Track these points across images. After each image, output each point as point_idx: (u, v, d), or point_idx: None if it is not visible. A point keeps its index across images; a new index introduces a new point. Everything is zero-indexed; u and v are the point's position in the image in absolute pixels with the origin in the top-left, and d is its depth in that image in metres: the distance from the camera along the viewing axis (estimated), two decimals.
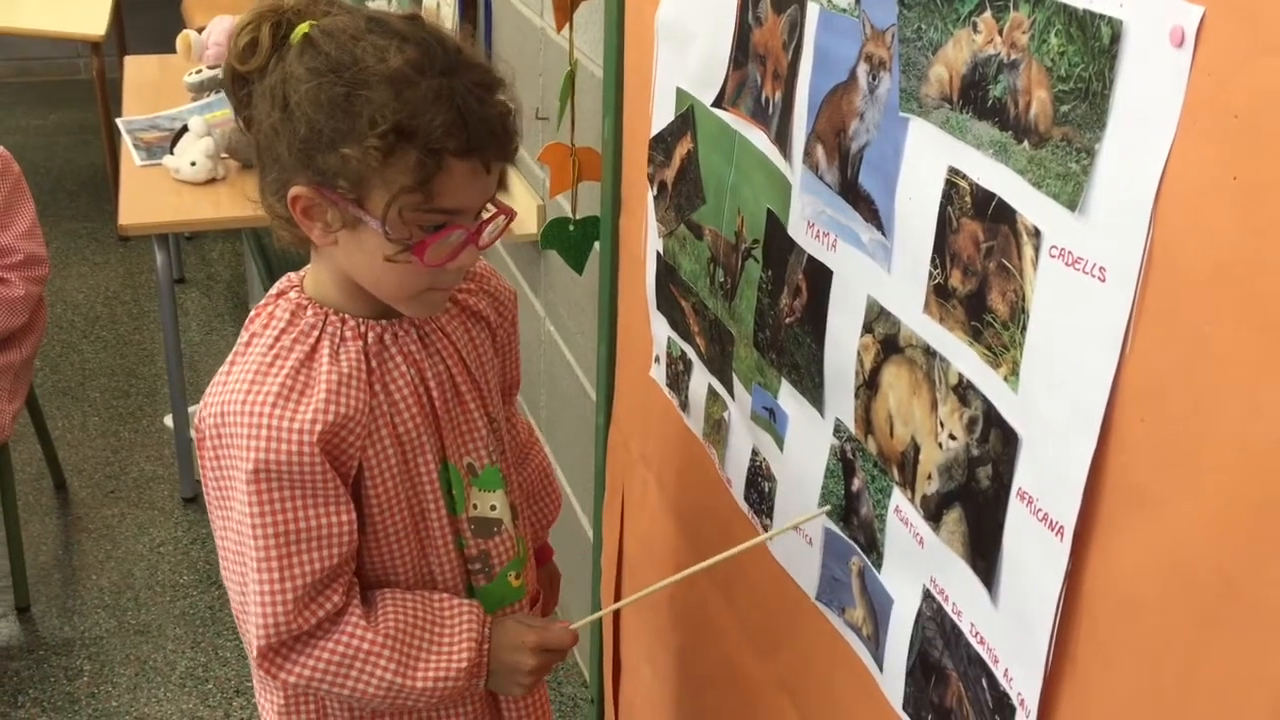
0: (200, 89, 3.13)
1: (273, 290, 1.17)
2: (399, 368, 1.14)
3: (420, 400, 1.15)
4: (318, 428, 1.06)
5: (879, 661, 1.07)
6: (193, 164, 2.80)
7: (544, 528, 1.48)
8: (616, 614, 1.79)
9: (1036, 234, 0.78)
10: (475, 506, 1.21)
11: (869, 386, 1.02)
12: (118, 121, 3.16)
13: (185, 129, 2.88)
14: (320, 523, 1.09)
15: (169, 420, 2.99)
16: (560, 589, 1.54)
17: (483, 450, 1.21)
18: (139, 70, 3.62)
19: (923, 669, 1.00)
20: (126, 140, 3.03)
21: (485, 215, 1.11)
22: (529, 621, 1.23)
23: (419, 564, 1.19)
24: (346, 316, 1.12)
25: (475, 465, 1.21)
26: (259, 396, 1.07)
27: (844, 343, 1.05)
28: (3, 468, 2.48)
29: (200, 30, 3.42)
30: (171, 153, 2.85)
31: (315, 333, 1.11)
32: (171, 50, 3.47)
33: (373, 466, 1.12)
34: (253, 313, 1.16)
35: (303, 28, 1.04)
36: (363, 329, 1.12)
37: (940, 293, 0.89)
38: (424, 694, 1.15)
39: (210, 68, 3.19)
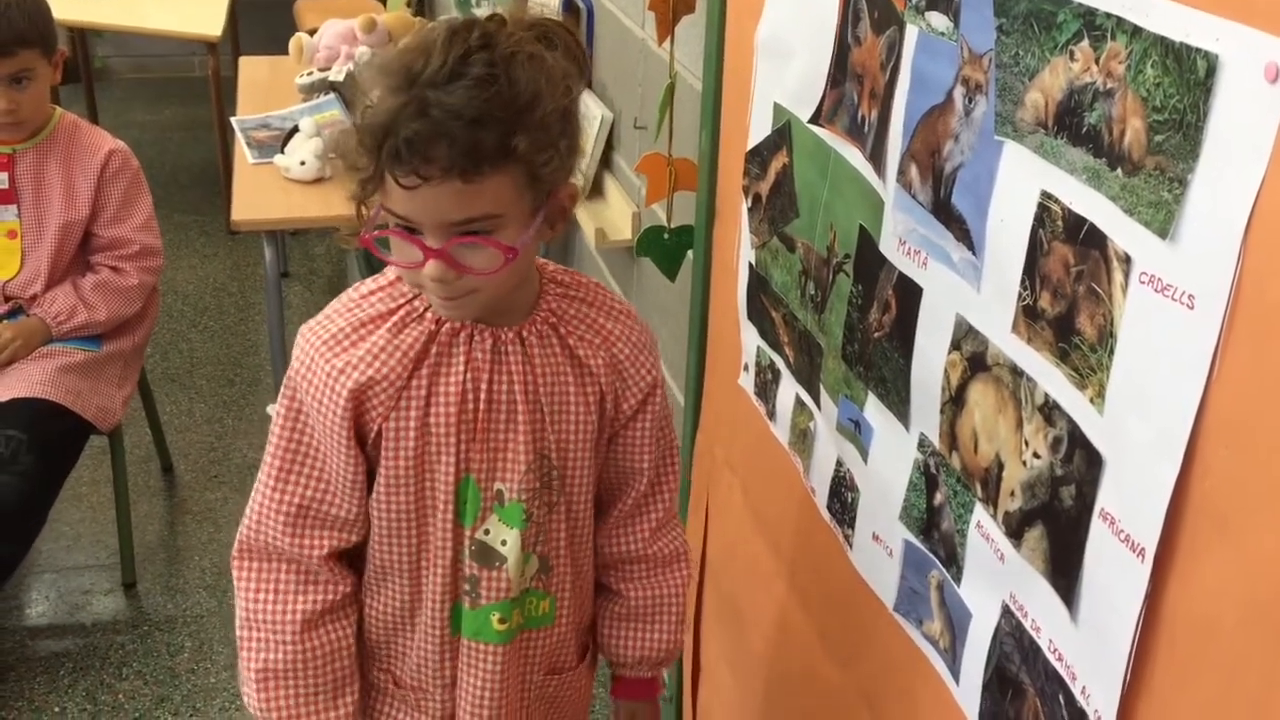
0: (311, 90, 3.23)
1: None
2: (455, 365, 1.16)
3: (462, 403, 1.17)
4: (345, 379, 1.15)
5: (955, 674, 1.09)
6: (302, 163, 2.89)
7: (637, 660, 1.37)
8: (698, 614, 1.81)
9: (1127, 260, 0.79)
10: (487, 531, 1.21)
11: (955, 403, 1.04)
12: (232, 120, 3.27)
13: (296, 129, 2.98)
14: (326, 454, 1.19)
15: (271, 409, 3.09)
16: None
17: (516, 483, 1.20)
18: (252, 70, 3.74)
19: (999, 683, 1.01)
20: (240, 138, 3.13)
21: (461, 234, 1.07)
22: None
23: (415, 556, 1.22)
24: None
25: (504, 493, 1.20)
26: (320, 331, 1.18)
27: (931, 359, 1.07)
28: (115, 450, 2.60)
29: (312, 33, 3.52)
30: (282, 152, 2.95)
31: (399, 300, 1.17)
32: (284, 52, 3.58)
33: (390, 436, 1.17)
34: None
35: None
36: (440, 318, 1.16)
37: (1029, 313, 0.91)
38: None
39: (321, 70, 3.28)
